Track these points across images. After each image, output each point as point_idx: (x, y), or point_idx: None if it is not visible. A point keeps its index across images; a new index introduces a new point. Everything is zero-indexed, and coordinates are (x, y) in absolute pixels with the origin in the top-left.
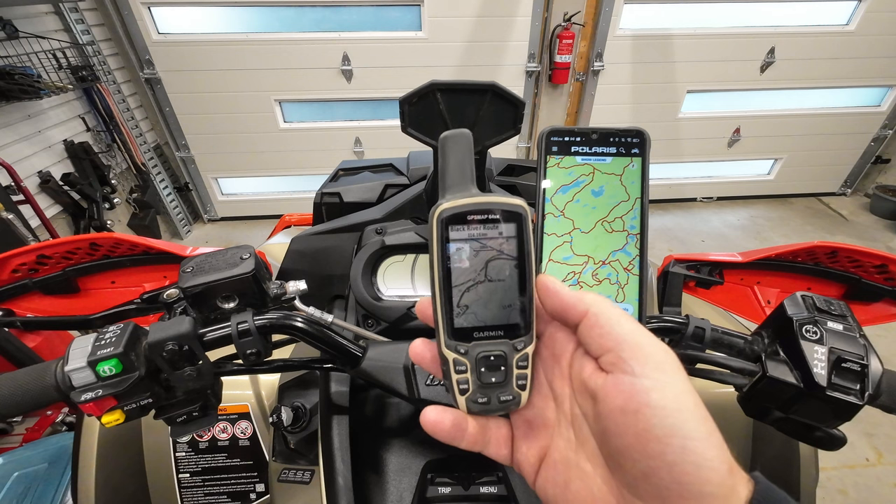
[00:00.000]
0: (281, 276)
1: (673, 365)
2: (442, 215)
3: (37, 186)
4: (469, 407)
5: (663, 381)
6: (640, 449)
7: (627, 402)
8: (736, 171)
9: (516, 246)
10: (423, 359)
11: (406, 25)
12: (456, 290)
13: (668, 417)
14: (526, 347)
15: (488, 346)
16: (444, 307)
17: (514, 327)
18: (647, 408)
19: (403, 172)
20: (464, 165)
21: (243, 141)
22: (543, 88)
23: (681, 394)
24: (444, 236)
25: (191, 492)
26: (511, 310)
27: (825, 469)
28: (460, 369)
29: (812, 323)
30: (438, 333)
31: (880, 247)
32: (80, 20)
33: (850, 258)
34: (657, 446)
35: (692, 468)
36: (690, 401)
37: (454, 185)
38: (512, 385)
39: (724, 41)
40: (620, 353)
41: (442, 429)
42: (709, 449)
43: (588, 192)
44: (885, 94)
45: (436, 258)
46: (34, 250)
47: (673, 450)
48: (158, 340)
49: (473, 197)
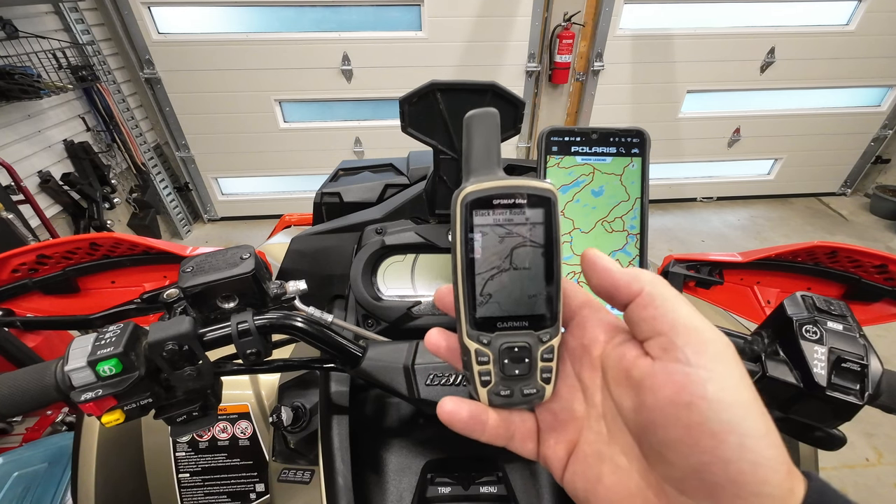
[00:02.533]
0: (281, 276)
1: (732, 355)
2: (466, 199)
3: (37, 186)
4: (491, 399)
5: (721, 373)
6: (692, 443)
7: (679, 392)
8: (736, 171)
9: (543, 232)
10: (439, 348)
11: (406, 25)
12: (479, 277)
13: (725, 412)
14: (552, 339)
15: (512, 337)
16: (467, 296)
17: (539, 318)
18: (702, 400)
19: (403, 172)
20: (490, 147)
21: (243, 141)
22: (543, 88)
23: (739, 387)
24: (468, 221)
25: (191, 492)
26: (537, 300)
27: (825, 469)
28: (482, 360)
29: (812, 323)
30: (460, 323)
31: (880, 247)
32: (80, 20)
33: (850, 258)
34: (711, 441)
35: (749, 467)
36: (749, 395)
37: (479, 167)
38: (536, 378)
39: (724, 41)
40: (674, 339)
41: (459, 419)
42: (768, 448)
43: (588, 191)
44: (885, 94)
45: (459, 244)
46: (34, 250)
47: (730, 446)
48: (158, 340)
49: (500, 180)
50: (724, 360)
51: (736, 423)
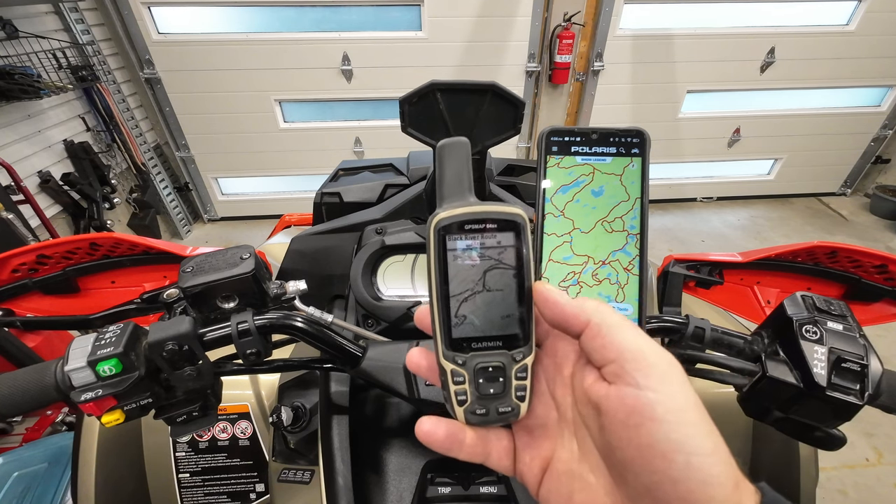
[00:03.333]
0: (281, 276)
1: (677, 375)
2: (439, 225)
3: (37, 186)
4: (467, 418)
5: (667, 393)
6: (644, 463)
7: (630, 415)
8: (736, 171)
9: (514, 255)
10: (420, 367)
11: (406, 25)
12: (454, 300)
13: (673, 432)
14: (525, 358)
15: (487, 357)
16: (442, 317)
17: (513, 338)
18: (650, 422)
19: (403, 172)
20: (461, 174)
21: (243, 141)
22: (543, 88)
23: (685, 406)
24: (442, 246)
25: (191, 491)
26: (510, 320)
27: (825, 469)
28: (458, 380)
29: (812, 323)
30: (436, 344)
31: (880, 247)
32: (80, 20)
33: (850, 258)
34: (661, 461)
35: (697, 485)
36: (695, 414)
37: (451, 194)
38: (511, 396)
39: (724, 41)
40: (623, 364)
41: (436, 439)
42: (714, 465)
43: (588, 192)
44: (885, 94)
45: (433, 268)
46: (34, 250)
47: (677, 466)
48: (158, 340)
49: (470, 206)
50: (669, 380)
51: (683, 443)
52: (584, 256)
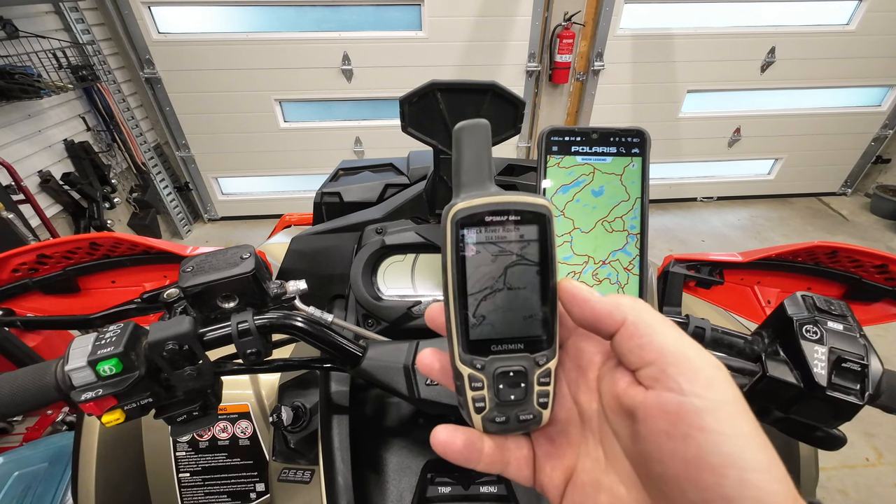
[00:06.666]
0: (281, 276)
1: (726, 381)
2: (456, 216)
3: (37, 186)
4: (486, 426)
5: (716, 401)
6: (691, 479)
7: (674, 424)
8: (736, 170)
9: (538, 250)
10: (432, 370)
11: (406, 25)
12: (472, 298)
13: (724, 444)
14: (548, 362)
15: (507, 360)
16: (459, 318)
17: (535, 340)
18: (698, 432)
19: (403, 172)
20: (481, 159)
21: (243, 141)
22: (543, 88)
23: (737, 416)
24: (459, 239)
25: (191, 491)
26: (532, 321)
27: (825, 469)
28: (476, 385)
29: (812, 323)
30: (452, 346)
31: (880, 247)
32: (80, 20)
33: (851, 258)
34: (711, 477)
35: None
36: (748, 424)
37: (470, 182)
38: (532, 403)
39: (724, 41)
40: (664, 367)
41: (454, 450)
42: (771, 482)
43: (588, 191)
44: (886, 94)
45: (450, 264)
46: (34, 250)
47: (730, 482)
48: (158, 340)
49: (492, 196)
50: (718, 387)
51: (736, 457)
52: (585, 256)
